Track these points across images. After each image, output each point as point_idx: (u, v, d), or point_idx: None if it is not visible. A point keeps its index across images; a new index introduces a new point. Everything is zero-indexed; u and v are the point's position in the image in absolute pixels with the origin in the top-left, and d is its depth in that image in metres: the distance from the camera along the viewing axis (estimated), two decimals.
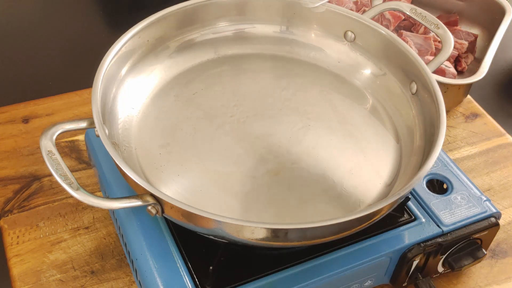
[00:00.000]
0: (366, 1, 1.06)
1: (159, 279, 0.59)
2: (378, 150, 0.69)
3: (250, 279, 0.60)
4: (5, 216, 0.76)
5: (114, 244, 0.73)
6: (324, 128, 0.70)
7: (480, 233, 0.67)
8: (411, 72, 0.70)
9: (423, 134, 0.67)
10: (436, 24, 0.73)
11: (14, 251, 0.72)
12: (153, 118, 0.70)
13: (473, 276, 0.73)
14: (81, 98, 0.92)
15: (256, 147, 0.67)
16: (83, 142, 0.85)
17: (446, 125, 0.61)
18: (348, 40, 0.77)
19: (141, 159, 0.65)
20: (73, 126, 0.60)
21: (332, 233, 0.56)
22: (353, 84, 0.76)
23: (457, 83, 0.90)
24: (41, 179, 0.80)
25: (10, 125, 0.88)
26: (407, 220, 0.66)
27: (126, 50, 0.68)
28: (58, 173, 0.54)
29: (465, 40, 1.02)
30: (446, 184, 0.71)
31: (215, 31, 0.77)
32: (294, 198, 0.63)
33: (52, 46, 1.35)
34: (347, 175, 0.66)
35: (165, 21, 0.72)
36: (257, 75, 0.76)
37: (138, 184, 0.54)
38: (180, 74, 0.75)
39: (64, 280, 0.69)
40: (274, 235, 0.54)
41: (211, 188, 0.63)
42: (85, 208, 0.77)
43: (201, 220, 0.54)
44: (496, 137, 0.91)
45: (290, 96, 0.74)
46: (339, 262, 0.62)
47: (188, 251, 0.62)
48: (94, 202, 0.53)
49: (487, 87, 1.40)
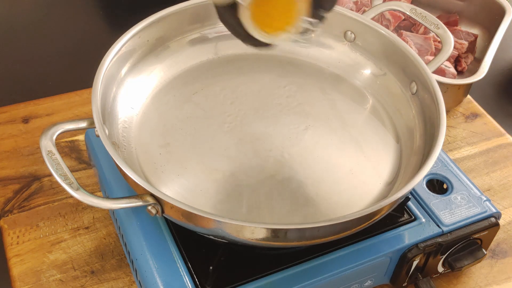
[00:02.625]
0: (366, 1, 1.06)
1: (159, 279, 0.59)
2: (378, 150, 0.69)
3: (250, 279, 0.60)
4: (5, 216, 0.76)
5: (114, 244, 0.73)
6: (324, 128, 0.70)
7: (480, 233, 0.67)
8: (411, 72, 0.70)
9: (423, 134, 0.67)
10: (436, 24, 0.73)
11: (14, 251, 0.72)
12: (153, 118, 0.70)
13: (473, 276, 0.73)
14: (81, 98, 0.92)
15: (256, 147, 0.67)
16: (83, 142, 0.85)
17: (446, 125, 0.61)
18: (348, 40, 0.77)
19: (141, 159, 0.65)
20: (73, 126, 0.60)
21: (332, 233, 0.56)
22: (353, 84, 0.76)
23: (457, 83, 0.90)
24: (41, 179, 0.80)
25: (10, 125, 0.88)
26: (407, 220, 0.66)
27: (126, 50, 0.68)
28: (58, 173, 0.54)
29: (465, 40, 1.02)
30: (446, 184, 0.71)
31: (215, 31, 0.77)
32: (294, 198, 0.63)
33: (52, 46, 1.35)
34: (347, 175, 0.66)
35: (165, 21, 0.72)
36: (257, 75, 0.76)
37: (138, 184, 0.54)
38: (180, 74, 0.75)
39: (64, 280, 0.69)
40: (274, 235, 0.54)
41: (211, 188, 0.63)
42: (85, 208, 0.77)
43: (201, 220, 0.54)
44: (496, 137, 0.91)
45: (290, 96, 0.73)
46: (339, 262, 0.62)
47: (188, 251, 0.62)
48: (94, 202, 0.53)
49: (487, 87, 1.40)
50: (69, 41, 1.36)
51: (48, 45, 1.35)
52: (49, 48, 1.34)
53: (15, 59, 1.32)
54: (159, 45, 0.73)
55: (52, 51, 1.34)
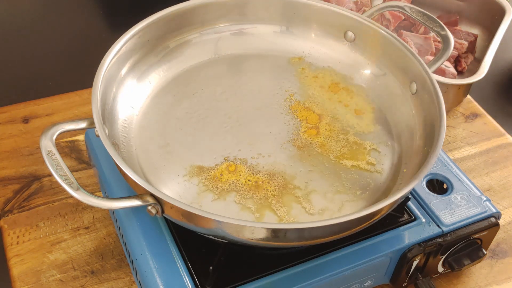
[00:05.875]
0: (366, 1, 1.06)
1: (159, 279, 0.59)
2: (378, 150, 0.69)
3: (250, 279, 0.60)
4: (5, 216, 0.76)
5: (114, 244, 0.73)
6: (324, 127, 0.70)
7: (480, 233, 0.67)
8: (411, 72, 0.70)
9: (423, 134, 0.67)
10: (436, 24, 0.73)
11: (14, 251, 0.72)
12: (153, 118, 0.70)
13: (473, 276, 0.73)
14: (81, 98, 0.92)
15: (257, 147, 0.67)
16: (83, 142, 0.85)
17: (446, 125, 0.61)
18: (348, 40, 0.77)
19: (141, 159, 0.65)
20: (73, 126, 0.60)
21: (332, 233, 0.56)
22: (353, 84, 0.76)
23: (457, 83, 0.90)
24: (41, 179, 0.80)
25: (10, 125, 0.88)
26: (407, 220, 0.66)
27: (126, 50, 0.68)
28: (58, 173, 0.54)
29: (465, 40, 1.02)
30: (446, 184, 0.71)
31: (215, 31, 0.77)
32: (295, 198, 0.63)
33: (52, 46, 1.35)
34: (347, 175, 0.66)
35: (165, 21, 0.72)
36: (257, 75, 0.76)
37: (138, 184, 0.54)
38: (180, 74, 0.75)
39: (64, 280, 0.69)
40: (274, 235, 0.54)
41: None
42: (85, 208, 0.77)
43: (201, 220, 0.54)
44: (496, 137, 0.91)
45: (290, 96, 0.74)
46: (339, 262, 0.62)
47: (188, 251, 0.62)
48: (94, 202, 0.53)
49: (487, 87, 1.40)
50: (69, 41, 1.36)
51: (48, 45, 1.35)
52: (49, 48, 1.34)
53: (15, 59, 1.32)
54: (159, 45, 0.73)
55: (52, 51, 1.34)
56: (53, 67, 1.32)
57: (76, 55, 1.34)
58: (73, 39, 1.38)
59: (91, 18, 1.46)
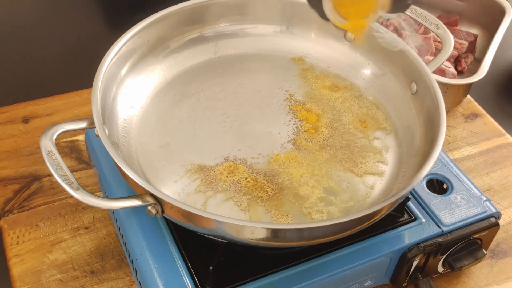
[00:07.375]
0: None
1: (159, 279, 0.59)
2: (378, 150, 0.69)
3: (250, 279, 0.60)
4: (5, 216, 0.76)
5: (114, 244, 0.73)
6: (324, 127, 0.70)
7: (480, 233, 0.67)
8: (411, 72, 0.70)
9: (423, 134, 0.67)
10: (436, 24, 0.73)
11: (14, 251, 0.72)
12: (153, 118, 0.70)
13: (473, 276, 0.73)
14: (81, 98, 0.92)
15: (257, 147, 0.67)
16: (83, 142, 0.85)
17: (446, 125, 0.61)
18: (348, 40, 0.77)
19: (141, 159, 0.65)
20: (73, 126, 0.60)
21: (332, 233, 0.56)
22: (353, 84, 0.76)
23: (457, 83, 0.90)
24: (41, 179, 0.80)
25: (10, 125, 0.88)
26: (407, 220, 0.66)
27: (126, 50, 0.68)
28: (58, 173, 0.54)
29: (465, 40, 1.02)
30: (446, 184, 0.71)
31: (215, 31, 0.77)
32: (295, 198, 0.63)
33: (52, 46, 1.35)
34: (347, 175, 0.66)
35: (165, 21, 0.72)
36: (257, 75, 0.76)
37: (138, 184, 0.54)
38: (180, 74, 0.75)
39: (64, 280, 0.69)
40: (274, 235, 0.54)
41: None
42: (85, 208, 0.77)
43: (201, 220, 0.54)
44: (496, 137, 0.91)
45: (290, 96, 0.74)
46: (339, 262, 0.62)
47: (188, 251, 0.62)
48: (94, 202, 0.53)
49: (487, 87, 1.40)
50: (69, 41, 1.36)
51: (48, 45, 1.35)
52: (49, 48, 1.34)
53: (15, 59, 1.32)
54: (159, 45, 0.73)
55: (52, 51, 1.34)
56: (53, 67, 1.32)
57: (76, 55, 1.34)
58: (73, 39, 1.38)
59: (91, 18, 1.46)
